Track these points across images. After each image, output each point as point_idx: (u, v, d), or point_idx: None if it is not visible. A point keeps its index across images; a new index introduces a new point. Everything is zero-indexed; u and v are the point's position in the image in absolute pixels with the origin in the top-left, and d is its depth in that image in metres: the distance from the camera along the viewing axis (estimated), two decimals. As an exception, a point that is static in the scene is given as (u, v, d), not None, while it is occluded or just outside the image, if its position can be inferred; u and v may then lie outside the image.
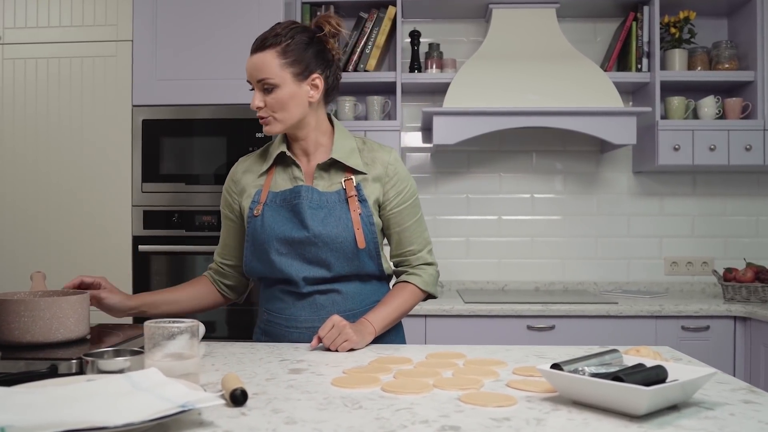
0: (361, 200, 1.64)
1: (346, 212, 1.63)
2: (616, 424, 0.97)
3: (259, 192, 1.68)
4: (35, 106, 2.94)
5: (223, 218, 1.80)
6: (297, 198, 1.63)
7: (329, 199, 1.64)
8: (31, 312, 1.26)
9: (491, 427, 0.95)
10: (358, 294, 1.68)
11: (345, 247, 1.61)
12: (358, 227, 1.62)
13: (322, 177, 1.67)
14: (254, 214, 1.66)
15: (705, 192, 3.45)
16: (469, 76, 3.09)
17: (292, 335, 1.67)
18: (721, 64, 3.18)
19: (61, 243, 2.92)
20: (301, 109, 1.61)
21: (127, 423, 0.86)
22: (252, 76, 1.58)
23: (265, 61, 1.56)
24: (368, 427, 0.95)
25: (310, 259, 1.63)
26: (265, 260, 1.65)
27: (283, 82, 1.57)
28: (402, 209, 1.70)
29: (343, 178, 1.66)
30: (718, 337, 2.83)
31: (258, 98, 1.58)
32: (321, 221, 1.61)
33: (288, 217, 1.63)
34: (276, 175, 1.70)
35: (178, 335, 1.16)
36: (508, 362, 1.40)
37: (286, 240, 1.62)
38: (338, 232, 1.61)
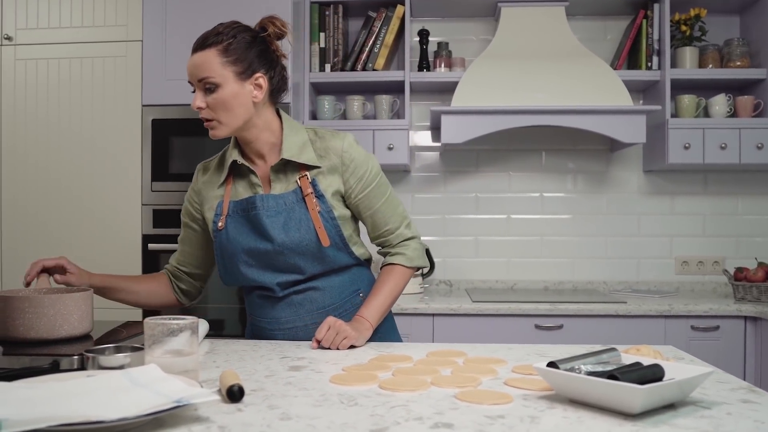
0: (318, 196, 1.61)
1: (305, 212, 1.60)
2: (611, 422, 0.97)
3: (220, 204, 1.66)
4: (46, 105, 2.97)
5: (183, 225, 1.79)
6: (253, 208, 1.61)
7: (286, 201, 1.61)
8: (36, 309, 1.28)
9: (485, 424, 0.96)
10: (335, 287, 1.67)
11: (311, 249, 1.60)
12: (320, 225, 1.59)
13: (278, 179, 1.63)
14: (218, 228, 1.64)
15: (716, 191, 3.42)
16: (477, 75, 3.08)
17: (277, 336, 1.68)
18: (733, 61, 3.16)
19: (71, 241, 2.95)
20: (244, 110, 1.56)
21: (122, 417, 0.88)
22: (192, 76, 1.54)
23: (206, 59, 1.52)
24: (362, 424, 0.95)
25: (280, 267, 1.62)
26: (237, 272, 1.65)
27: (224, 81, 1.52)
28: (367, 193, 1.66)
29: (298, 176, 1.62)
30: (728, 337, 2.80)
31: (199, 98, 1.53)
32: (282, 228, 1.59)
33: (250, 228, 1.61)
34: (235, 183, 1.67)
35: (178, 332, 1.17)
36: (509, 361, 1.40)
37: (252, 252, 1.61)
38: (300, 236, 1.59)
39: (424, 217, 3.48)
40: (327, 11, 3.21)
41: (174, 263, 1.82)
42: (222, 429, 0.93)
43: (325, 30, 3.21)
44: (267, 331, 1.69)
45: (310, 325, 1.64)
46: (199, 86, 1.54)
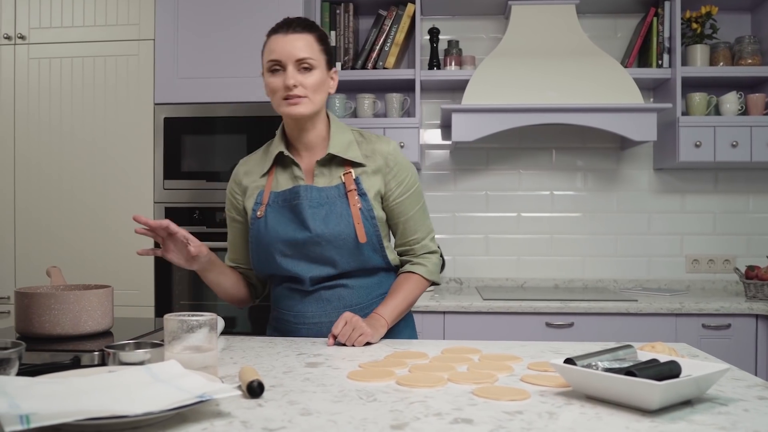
0: (360, 194, 1.64)
1: (346, 207, 1.63)
2: (629, 418, 0.97)
3: (261, 193, 1.68)
4: (59, 104, 2.99)
5: (230, 221, 1.79)
6: (296, 198, 1.63)
7: (329, 195, 1.63)
8: (61, 305, 1.30)
9: (503, 420, 0.96)
10: (364, 287, 1.69)
11: (348, 244, 1.62)
12: (359, 222, 1.62)
13: (322, 173, 1.66)
14: (257, 216, 1.66)
15: (727, 189, 3.42)
16: (488, 73, 3.09)
17: (301, 331, 1.68)
18: (744, 59, 3.15)
19: (83, 239, 2.97)
20: (324, 97, 1.63)
21: (147, 412, 0.89)
22: (289, 55, 1.56)
23: (308, 41, 1.58)
24: (382, 419, 0.96)
25: (315, 258, 1.63)
26: (271, 261, 1.66)
27: (318, 66, 1.59)
28: (404, 199, 1.70)
29: (342, 172, 1.66)
30: (739, 335, 2.80)
31: (295, 76, 1.56)
32: (322, 220, 1.61)
33: (290, 218, 1.63)
34: (277, 175, 1.70)
35: (197, 328, 1.19)
36: (524, 358, 1.41)
37: (290, 242, 1.62)
38: (340, 229, 1.61)
39: (434, 215, 3.49)
40: (338, 10, 3.22)
41: (231, 264, 1.81)
42: (244, 424, 0.94)
43: (336, 28, 3.22)
44: (291, 325, 1.70)
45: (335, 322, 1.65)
46: (294, 65, 1.57)
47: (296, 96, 1.57)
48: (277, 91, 1.58)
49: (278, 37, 1.58)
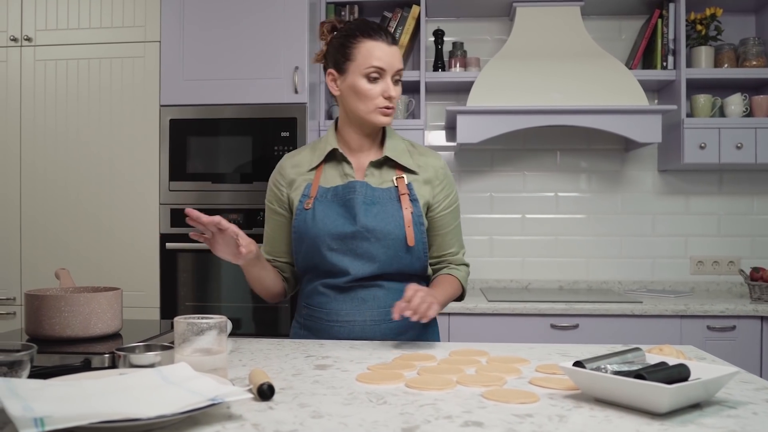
0: (412, 199, 1.67)
1: (398, 210, 1.65)
2: (638, 421, 0.98)
3: (309, 185, 1.70)
4: (65, 106, 3.00)
5: (271, 214, 1.78)
6: (351, 193, 1.65)
7: (382, 196, 1.66)
8: (71, 307, 1.31)
9: (514, 423, 0.97)
10: (398, 290, 1.67)
11: (395, 244, 1.63)
12: (409, 225, 1.64)
13: (373, 174, 1.69)
14: (305, 207, 1.67)
15: (731, 190, 3.42)
16: (493, 75, 3.09)
17: (333, 329, 1.67)
18: (749, 61, 3.15)
19: (89, 240, 2.98)
20: None
21: (159, 415, 0.89)
22: (392, 66, 1.62)
23: (400, 54, 1.69)
24: (393, 422, 0.97)
25: (360, 254, 1.63)
26: (316, 254, 1.65)
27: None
28: (447, 213, 1.75)
29: (395, 176, 1.69)
30: (744, 337, 2.80)
31: (394, 88, 1.63)
32: (374, 216, 1.63)
33: (339, 212, 1.64)
34: (326, 171, 1.71)
35: (207, 331, 1.19)
36: (531, 360, 1.41)
37: (337, 235, 1.63)
38: (390, 228, 1.62)
39: (438, 217, 3.49)
40: (342, 11, 3.23)
41: (268, 257, 1.80)
42: (256, 426, 0.94)
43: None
44: (323, 322, 1.69)
45: (368, 322, 1.65)
46: (391, 77, 1.63)
47: (388, 108, 1.64)
48: (374, 99, 1.62)
49: (382, 46, 1.61)
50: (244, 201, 2.90)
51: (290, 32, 2.90)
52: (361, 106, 1.63)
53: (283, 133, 2.89)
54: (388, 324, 1.66)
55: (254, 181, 2.90)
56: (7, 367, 1.07)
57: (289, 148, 2.87)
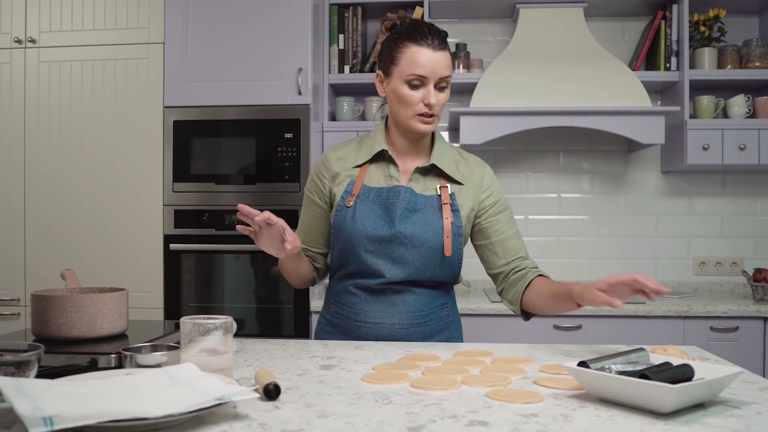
0: (454, 210, 1.64)
1: (438, 219, 1.63)
2: (643, 421, 0.98)
3: (352, 183, 1.68)
4: (69, 107, 3.01)
5: (309, 204, 1.76)
6: (395, 197, 1.63)
7: (425, 203, 1.64)
8: (77, 308, 1.31)
9: (519, 422, 0.97)
10: (428, 296, 1.67)
11: (431, 252, 1.62)
12: (448, 235, 1.62)
13: (417, 180, 1.67)
14: (346, 205, 1.66)
15: (734, 192, 3.42)
16: (496, 76, 3.10)
17: (361, 330, 1.66)
18: (752, 62, 3.15)
19: (93, 241, 2.99)
20: None
21: (167, 414, 0.90)
22: (435, 74, 1.57)
23: (448, 59, 1.59)
24: (399, 422, 0.97)
25: (395, 258, 1.62)
26: (352, 253, 1.65)
27: (449, 84, 1.63)
28: (500, 218, 1.71)
29: (439, 184, 1.67)
30: (747, 337, 2.81)
31: (435, 95, 1.59)
32: (414, 223, 1.61)
33: (379, 214, 1.63)
34: (371, 170, 1.70)
35: (212, 331, 1.20)
36: (535, 360, 1.42)
37: (374, 238, 1.62)
38: (428, 236, 1.61)
39: (441, 218, 3.49)
40: (346, 13, 3.23)
41: (303, 246, 1.76)
42: (263, 426, 0.95)
43: (344, 32, 3.23)
44: (351, 322, 1.68)
45: (397, 325, 1.64)
46: (434, 83, 1.59)
47: (431, 114, 1.60)
48: (414, 105, 1.59)
49: (426, 52, 1.56)
50: (247, 202, 2.86)
51: (294, 34, 2.91)
52: (402, 111, 1.62)
53: (287, 135, 2.90)
54: (416, 328, 1.66)
55: (258, 182, 2.91)
56: (14, 367, 1.08)
57: (292, 149, 2.88)
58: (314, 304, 2.88)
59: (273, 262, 2.89)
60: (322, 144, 3.15)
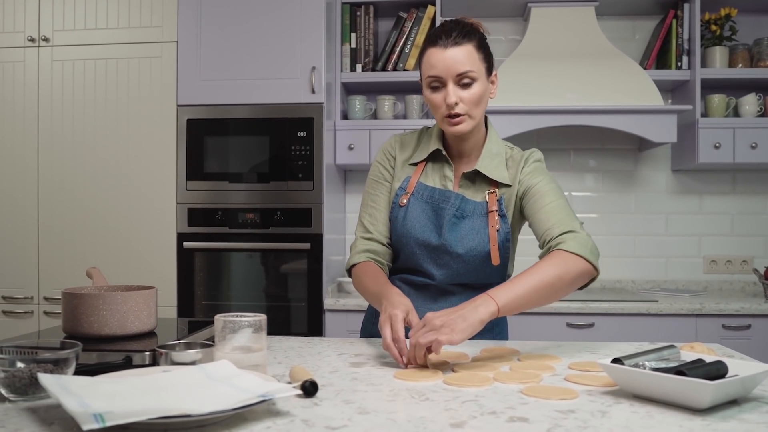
0: (501, 215, 1.61)
1: (484, 227, 1.60)
2: (680, 417, 0.99)
3: (407, 179, 1.67)
4: (83, 106, 3.02)
5: (379, 192, 1.71)
6: (444, 203, 1.62)
7: (474, 210, 1.61)
8: (110, 306, 1.32)
9: (558, 418, 0.98)
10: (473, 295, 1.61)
11: (477, 260, 1.60)
12: (494, 244, 1.59)
13: (467, 185, 1.64)
14: (399, 204, 1.65)
15: (745, 190, 3.43)
16: (508, 75, 3.10)
17: None
18: (763, 61, 3.16)
19: (106, 239, 2.99)
20: (485, 108, 1.60)
21: (213, 411, 0.91)
22: (449, 71, 1.50)
23: (468, 53, 1.51)
24: (439, 418, 0.98)
25: (441, 264, 1.62)
26: (402, 252, 1.65)
27: (480, 77, 1.53)
28: (533, 193, 1.58)
29: (488, 190, 1.62)
30: (759, 335, 2.82)
31: (455, 93, 1.51)
32: (459, 232, 1.59)
33: (430, 217, 1.62)
34: (427, 168, 1.68)
35: (246, 328, 1.21)
36: (563, 357, 1.43)
37: (422, 243, 1.62)
38: (473, 245, 1.59)
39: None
40: (358, 12, 3.24)
41: (380, 236, 1.69)
42: (305, 422, 0.96)
43: (356, 30, 3.24)
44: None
45: None
46: (454, 81, 1.52)
47: (457, 114, 1.53)
48: (439, 108, 1.55)
49: (436, 51, 1.52)
50: (260, 200, 2.92)
51: (307, 32, 2.92)
52: (434, 115, 1.59)
53: (300, 133, 2.90)
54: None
55: (271, 181, 2.91)
56: (53, 365, 1.09)
57: (306, 147, 2.89)
58: (327, 302, 2.89)
59: (284, 260, 2.90)
60: (335, 143, 3.16)
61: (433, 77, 1.53)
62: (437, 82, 1.53)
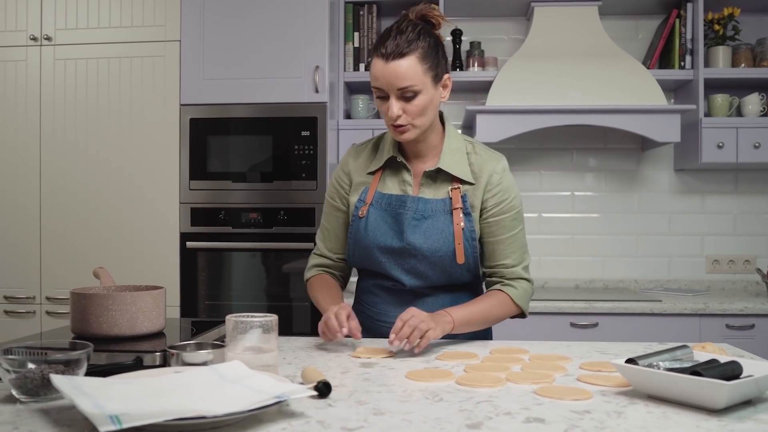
0: (465, 213, 1.60)
1: (448, 224, 1.60)
2: (696, 417, 0.99)
3: (365, 190, 1.67)
4: (85, 105, 3.01)
5: (332, 209, 1.75)
6: (402, 207, 1.62)
7: (434, 209, 1.61)
8: (119, 306, 1.31)
9: (574, 419, 0.98)
10: (450, 298, 1.67)
11: (443, 260, 1.60)
12: (459, 242, 1.58)
13: (428, 184, 1.64)
14: (359, 215, 1.65)
15: (747, 190, 3.43)
16: (512, 75, 3.10)
17: (381, 329, 1.68)
18: (766, 60, 3.16)
19: (109, 239, 2.98)
20: (434, 113, 1.59)
21: (230, 412, 0.90)
22: (390, 85, 1.50)
23: (409, 67, 1.48)
24: (455, 418, 0.98)
25: (407, 269, 1.63)
26: (371, 261, 1.66)
27: (424, 88, 1.51)
28: (499, 220, 1.63)
29: (450, 186, 1.62)
30: (763, 335, 2.82)
31: (397, 107, 1.51)
32: (422, 233, 1.59)
33: (390, 224, 1.62)
34: (385, 176, 1.68)
35: (257, 329, 1.20)
36: (573, 358, 1.43)
37: (386, 249, 1.62)
38: (438, 246, 1.59)
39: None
40: (361, 11, 3.23)
41: (332, 254, 1.77)
42: (321, 423, 0.95)
43: (360, 29, 3.23)
44: (373, 321, 1.70)
45: None
46: (396, 95, 1.51)
47: (400, 126, 1.54)
48: (385, 117, 1.56)
49: (379, 63, 1.50)
50: (264, 200, 2.91)
51: (310, 31, 2.91)
52: (384, 121, 1.60)
53: (304, 132, 2.90)
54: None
55: (274, 180, 2.91)
56: (63, 365, 1.08)
57: (309, 147, 2.88)
58: (331, 302, 2.88)
59: (287, 260, 2.90)
60: (338, 142, 3.15)
61: (376, 88, 1.54)
62: (381, 92, 1.53)
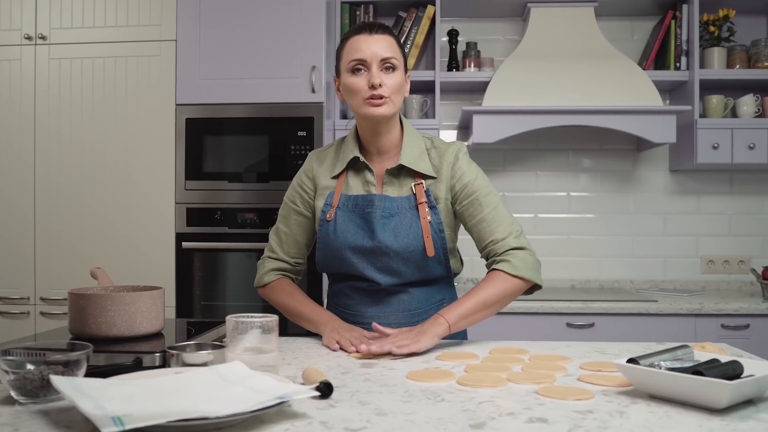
0: (431, 206, 1.63)
1: (416, 220, 1.62)
2: (699, 417, 0.99)
3: (331, 194, 1.68)
4: (80, 105, 2.99)
5: (293, 214, 1.76)
6: (370, 206, 1.63)
7: (400, 206, 1.63)
8: (118, 306, 1.31)
9: (577, 419, 0.98)
10: (424, 293, 1.69)
11: (415, 256, 1.62)
12: (428, 235, 1.61)
13: (392, 182, 1.66)
14: (327, 219, 1.66)
15: (742, 190, 3.44)
16: (508, 75, 3.10)
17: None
18: (761, 62, 3.17)
19: (104, 239, 2.97)
20: (401, 100, 1.64)
21: (233, 413, 0.90)
22: (375, 55, 1.56)
23: (391, 42, 1.60)
24: (458, 419, 0.97)
25: (380, 267, 1.64)
26: (342, 263, 1.66)
27: (399, 67, 1.60)
28: (472, 200, 1.64)
29: (413, 182, 1.65)
30: (758, 335, 2.83)
31: (380, 75, 1.57)
32: (391, 231, 1.61)
33: (360, 224, 1.64)
34: (348, 178, 1.69)
35: (257, 329, 1.20)
36: (573, 358, 1.43)
37: (358, 249, 1.63)
38: (408, 241, 1.61)
39: (451, 216, 3.50)
40: (358, 11, 3.23)
41: (289, 258, 1.79)
42: (324, 424, 0.95)
43: (356, 30, 3.23)
44: (350, 322, 1.69)
45: (393, 324, 1.64)
46: (378, 65, 1.57)
47: (380, 96, 1.57)
48: (360, 92, 1.58)
49: (362, 37, 1.59)
50: (260, 200, 2.90)
51: (307, 31, 2.91)
52: (353, 101, 1.61)
53: (300, 133, 2.89)
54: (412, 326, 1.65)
55: (271, 180, 2.90)
56: (63, 366, 1.08)
57: (305, 147, 2.88)
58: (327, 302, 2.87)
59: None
60: (334, 142, 3.14)
61: (357, 60, 1.58)
62: (361, 65, 1.58)
